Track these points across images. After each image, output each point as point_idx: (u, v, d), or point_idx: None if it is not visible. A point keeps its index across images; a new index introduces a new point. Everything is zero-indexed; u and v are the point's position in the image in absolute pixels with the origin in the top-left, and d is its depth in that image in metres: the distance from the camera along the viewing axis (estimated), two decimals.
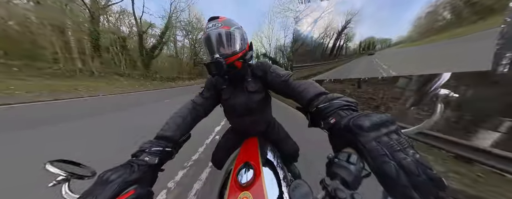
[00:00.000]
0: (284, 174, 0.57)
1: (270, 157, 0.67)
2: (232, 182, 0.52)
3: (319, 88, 0.52)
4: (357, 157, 0.29)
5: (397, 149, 0.26)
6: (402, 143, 0.26)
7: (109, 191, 0.35)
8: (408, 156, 0.25)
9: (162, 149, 0.52)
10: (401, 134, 0.29)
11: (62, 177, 0.40)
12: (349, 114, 0.37)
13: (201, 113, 0.77)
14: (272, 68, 0.74)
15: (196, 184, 1.62)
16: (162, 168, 0.52)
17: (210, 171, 1.82)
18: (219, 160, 1.01)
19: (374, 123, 0.29)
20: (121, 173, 0.39)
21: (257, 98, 0.80)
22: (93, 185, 0.37)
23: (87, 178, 0.44)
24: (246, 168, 0.53)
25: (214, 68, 0.64)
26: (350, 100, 0.41)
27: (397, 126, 0.30)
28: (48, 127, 2.97)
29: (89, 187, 0.37)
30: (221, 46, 0.67)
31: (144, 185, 0.41)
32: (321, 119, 0.42)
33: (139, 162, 0.45)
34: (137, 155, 0.49)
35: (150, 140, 0.56)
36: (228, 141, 1.02)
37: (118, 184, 0.36)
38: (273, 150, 0.79)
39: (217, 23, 0.66)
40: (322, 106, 0.42)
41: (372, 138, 0.28)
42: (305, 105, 0.51)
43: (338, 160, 0.30)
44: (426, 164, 0.24)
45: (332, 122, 0.37)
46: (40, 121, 3.23)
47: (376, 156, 0.26)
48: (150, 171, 0.46)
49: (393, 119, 0.30)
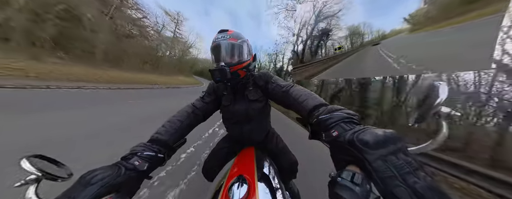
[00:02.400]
0: (281, 192, 0.53)
1: (266, 171, 0.64)
2: (222, 197, 0.48)
3: (319, 99, 0.52)
4: (362, 177, 0.27)
5: (407, 170, 0.24)
6: (411, 164, 0.24)
7: (88, 193, 0.32)
8: (420, 180, 0.23)
9: (153, 155, 0.49)
10: (409, 153, 0.27)
11: (33, 176, 0.35)
12: (351, 127, 0.36)
13: (200, 117, 0.77)
14: (273, 78, 0.77)
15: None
16: (150, 176, 0.49)
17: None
18: (211, 170, 0.96)
19: (381, 139, 0.27)
20: (106, 175, 0.37)
21: (257, 107, 0.81)
22: (74, 185, 0.34)
23: (60, 180, 0.39)
24: (239, 183, 0.49)
25: (218, 74, 0.68)
26: (351, 112, 0.40)
27: (404, 143, 0.28)
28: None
29: (71, 186, 0.34)
30: (227, 55, 0.71)
31: (125, 193, 0.38)
32: (322, 131, 0.40)
33: (127, 165, 0.42)
34: (128, 158, 0.46)
35: (144, 142, 0.53)
36: (223, 149, 0.98)
37: (98, 188, 0.34)
38: (270, 163, 0.76)
39: (226, 35, 0.71)
40: (322, 117, 0.41)
41: (379, 156, 0.26)
42: (306, 115, 0.51)
43: (341, 179, 0.27)
44: (441, 190, 0.22)
45: (334, 134, 0.36)
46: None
47: (385, 178, 0.24)
48: (136, 177, 0.43)
49: (400, 136, 0.28)
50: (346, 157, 0.31)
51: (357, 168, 0.29)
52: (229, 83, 0.76)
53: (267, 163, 0.72)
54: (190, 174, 1.78)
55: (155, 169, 0.50)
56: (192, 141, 2.71)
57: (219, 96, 0.83)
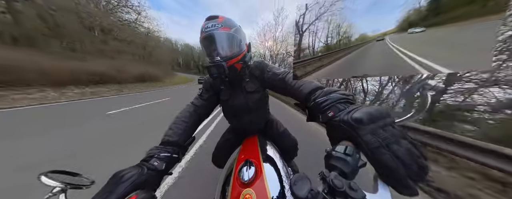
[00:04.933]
0: (285, 169, 0.58)
1: (270, 154, 0.69)
2: (234, 180, 0.53)
3: (315, 83, 0.54)
4: (353, 148, 0.31)
5: (392, 141, 0.28)
6: (397, 135, 0.29)
7: (120, 190, 0.37)
8: (401, 147, 0.27)
9: (169, 155, 0.54)
10: (395, 125, 0.30)
11: (58, 189, 0.38)
12: (346, 106, 0.38)
13: (202, 114, 0.78)
14: (268, 67, 0.76)
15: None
16: (170, 172, 0.54)
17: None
18: (220, 159, 1.02)
19: (372, 116, 0.31)
20: (133, 173, 0.41)
21: (256, 98, 0.81)
22: (109, 181, 0.39)
23: (85, 187, 0.42)
24: (247, 166, 0.53)
25: (216, 71, 0.64)
26: (346, 93, 0.43)
27: (392, 118, 0.31)
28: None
29: (106, 182, 0.39)
30: (221, 48, 0.66)
31: (149, 189, 0.42)
32: (319, 112, 0.43)
33: (149, 166, 0.47)
34: (147, 160, 0.50)
35: (156, 146, 0.57)
36: (227, 141, 1.03)
37: (129, 184, 0.38)
38: (272, 146, 0.80)
39: (217, 23, 0.64)
40: (319, 100, 0.44)
41: (369, 130, 0.30)
42: (303, 100, 0.53)
43: (335, 152, 0.31)
44: (417, 153, 0.27)
45: (330, 115, 0.38)
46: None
47: (373, 148, 0.28)
48: (156, 175, 0.48)
49: (389, 112, 0.32)
50: (341, 134, 0.35)
51: (350, 142, 0.32)
52: (227, 79, 0.74)
53: (269, 146, 0.76)
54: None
55: (173, 167, 0.55)
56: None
57: (217, 91, 0.82)
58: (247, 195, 0.45)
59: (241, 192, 0.47)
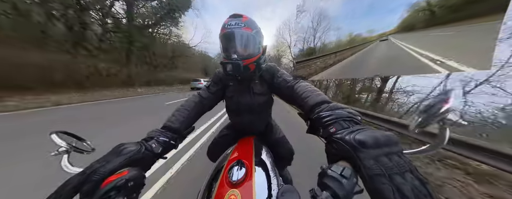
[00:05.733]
0: (275, 177, 0.57)
1: (263, 158, 0.67)
2: (222, 178, 0.52)
3: (323, 96, 0.52)
4: (351, 171, 0.28)
5: (396, 172, 0.25)
6: (402, 167, 0.26)
7: (117, 162, 0.38)
8: (406, 181, 0.24)
9: (167, 141, 0.55)
10: (403, 156, 0.27)
11: (63, 149, 0.42)
12: (350, 125, 0.36)
13: (206, 107, 0.79)
14: (279, 72, 0.76)
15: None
16: (165, 156, 0.55)
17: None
18: (214, 153, 1.02)
19: (377, 141, 0.28)
20: (132, 149, 0.43)
21: (261, 100, 0.81)
22: (110, 152, 0.41)
23: (86, 153, 0.47)
24: (238, 166, 0.53)
25: (231, 68, 0.66)
26: (353, 112, 0.40)
27: (400, 147, 0.29)
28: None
29: (108, 152, 0.41)
30: (240, 47, 0.67)
31: (141, 168, 0.43)
32: (321, 126, 0.41)
33: (146, 146, 0.48)
34: (147, 140, 0.52)
35: (157, 129, 0.58)
36: (225, 136, 1.03)
37: (125, 159, 0.40)
38: (267, 151, 0.79)
39: (240, 22, 0.65)
40: (323, 114, 0.42)
41: (372, 155, 0.27)
42: (307, 111, 0.51)
43: (331, 171, 0.29)
44: (424, 192, 0.24)
45: (331, 130, 0.37)
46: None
47: (373, 175, 0.25)
48: (152, 156, 0.48)
49: (397, 140, 0.29)
50: (340, 153, 0.32)
51: (348, 163, 0.30)
52: (239, 77, 0.75)
53: (264, 151, 0.75)
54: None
55: (168, 152, 0.55)
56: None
57: (224, 86, 0.83)
58: (232, 196, 0.44)
59: (227, 191, 0.46)
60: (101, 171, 0.35)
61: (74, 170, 0.42)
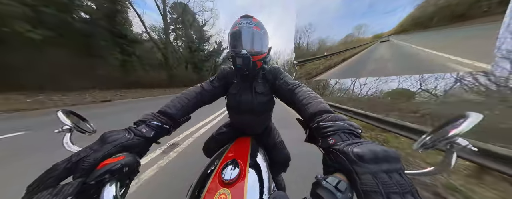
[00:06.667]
0: (268, 182, 0.55)
1: (259, 160, 0.66)
2: (215, 176, 0.52)
3: (324, 105, 0.51)
4: (347, 185, 0.27)
5: (395, 191, 0.24)
6: (403, 186, 0.24)
7: (105, 150, 0.37)
8: None
9: (160, 125, 0.54)
10: (404, 175, 0.26)
11: (67, 127, 0.43)
12: (350, 138, 0.36)
13: (206, 99, 0.78)
14: (282, 75, 0.77)
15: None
16: (158, 141, 0.54)
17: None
18: (210, 150, 1.02)
19: (376, 156, 0.27)
20: (118, 137, 0.42)
21: (262, 100, 0.81)
22: (96, 141, 0.40)
23: (87, 134, 0.48)
24: (232, 165, 0.52)
25: (241, 61, 0.69)
26: (354, 125, 0.40)
27: (401, 165, 0.27)
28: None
29: (93, 142, 0.40)
30: (250, 44, 0.70)
31: (134, 154, 0.42)
32: (320, 136, 0.41)
33: (136, 131, 0.47)
34: (138, 124, 0.51)
35: (152, 112, 0.57)
36: (222, 134, 1.03)
37: (111, 147, 0.39)
38: (263, 154, 0.78)
39: (251, 22, 0.70)
40: (324, 124, 0.41)
41: (370, 171, 0.26)
42: (307, 118, 0.51)
43: (326, 182, 0.28)
44: None
45: (331, 142, 0.36)
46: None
47: (369, 192, 0.24)
48: (144, 142, 0.48)
49: (398, 157, 0.28)
50: (336, 165, 0.32)
51: (344, 176, 0.29)
52: (247, 72, 0.76)
53: (260, 154, 0.74)
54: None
55: (162, 137, 0.55)
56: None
57: (228, 83, 0.84)
58: (222, 195, 0.44)
59: (218, 190, 0.46)
60: (87, 160, 0.34)
61: (74, 148, 0.43)
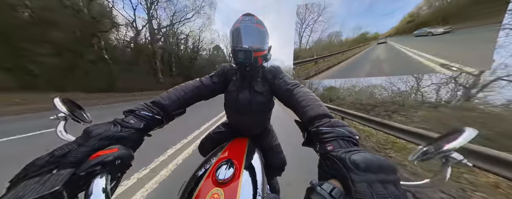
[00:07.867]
0: (262, 184, 0.55)
1: (254, 162, 0.66)
2: (209, 174, 0.52)
3: (324, 108, 0.51)
4: (341, 192, 0.27)
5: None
6: (398, 197, 0.24)
7: (90, 144, 0.36)
8: None
9: (151, 115, 0.52)
10: (399, 187, 0.26)
11: (62, 115, 0.42)
12: (349, 146, 0.36)
13: (203, 94, 0.76)
14: (281, 74, 0.76)
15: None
16: (149, 134, 0.52)
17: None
18: (206, 148, 1.01)
19: (372, 165, 0.27)
20: (102, 130, 0.39)
21: (261, 99, 0.80)
22: (81, 135, 0.38)
23: (82, 123, 0.47)
24: (227, 165, 0.52)
25: (243, 55, 0.68)
26: (353, 132, 0.40)
27: (397, 176, 0.27)
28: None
29: (79, 135, 0.39)
30: (251, 40, 0.70)
31: (127, 146, 0.41)
32: (318, 141, 0.40)
33: (122, 123, 0.45)
34: (126, 115, 0.49)
35: (144, 102, 0.55)
36: (219, 133, 1.02)
37: (96, 141, 0.37)
38: (260, 156, 0.77)
39: (253, 19, 0.71)
40: (323, 129, 0.41)
41: (366, 180, 0.26)
42: (306, 121, 0.50)
43: (320, 189, 0.28)
44: None
45: (328, 148, 0.36)
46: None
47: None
48: (136, 134, 0.46)
49: (395, 167, 0.28)
50: (333, 171, 0.31)
51: (339, 184, 0.29)
52: (248, 68, 0.76)
53: (256, 155, 0.73)
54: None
55: (153, 128, 0.53)
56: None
57: (227, 80, 0.82)
58: (215, 195, 0.43)
59: (211, 189, 0.45)
60: (71, 155, 0.33)
61: (67, 137, 0.42)
